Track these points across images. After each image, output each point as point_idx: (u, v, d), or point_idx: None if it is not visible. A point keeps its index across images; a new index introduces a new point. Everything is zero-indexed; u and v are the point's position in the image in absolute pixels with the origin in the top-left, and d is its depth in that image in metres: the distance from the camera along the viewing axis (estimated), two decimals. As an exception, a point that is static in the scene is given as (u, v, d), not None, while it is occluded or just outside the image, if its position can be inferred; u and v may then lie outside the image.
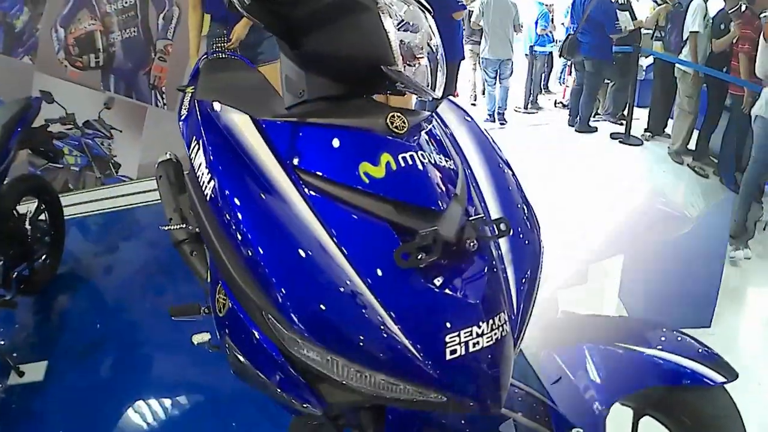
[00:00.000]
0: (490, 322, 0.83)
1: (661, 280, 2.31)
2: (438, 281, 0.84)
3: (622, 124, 6.27)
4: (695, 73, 4.88)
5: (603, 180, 4.82)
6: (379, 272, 0.82)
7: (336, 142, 0.92)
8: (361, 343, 0.79)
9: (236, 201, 0.88)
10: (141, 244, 3.69)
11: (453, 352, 0.80)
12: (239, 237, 0.86)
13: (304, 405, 0.90)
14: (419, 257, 0.80)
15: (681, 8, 5.29)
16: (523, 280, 0.97)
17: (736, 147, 4.55)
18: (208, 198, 0.92)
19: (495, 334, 0.83)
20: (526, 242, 1.02)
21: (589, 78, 6.27)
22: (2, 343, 2.43)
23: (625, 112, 6.21)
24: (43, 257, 3.01)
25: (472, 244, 0.87)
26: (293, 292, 0.81)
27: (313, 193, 0.88)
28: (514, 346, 0.91)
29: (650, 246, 3.15)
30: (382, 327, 0.79)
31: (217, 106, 1.03)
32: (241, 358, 0.95)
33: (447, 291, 0.84)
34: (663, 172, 5.11)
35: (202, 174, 0.96)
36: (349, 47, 0.96)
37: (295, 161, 0.92)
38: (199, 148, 1.00)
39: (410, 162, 0.91)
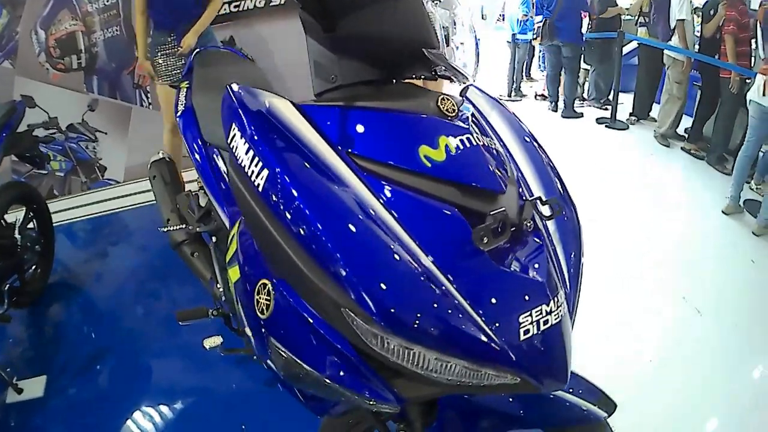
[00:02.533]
0: (556, 299, 0.84)
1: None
2: (506, 262, 0.85)
3: (606, 109, 6.37)
4: (687, 60, 4.91)
5: (595, 164, 4.86)
6: (452, 257, 0.81)
7: (391, 126, 0.90)
8: (442, 330, 0.77)
9: (296, 191, 0.83)
10: (132, 248, 3.61)
11: (526, 332, 0.80)
12: (306, 230, 0.81)
13: (374, 402, 0.85)
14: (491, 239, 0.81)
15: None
16: (572, 255, 0.98)
17: (725, 129, 4.60)
18: (260, 188, 0.87)
19: (560, 310, 0.84)
20: (566, 219, 1.03)
21: (568, 63, 6.40)
22: (-3, 359, 2.33)
23: (609, 97, 6.27)
24: (34, 267, 2.92)
25: (529, 224, 0.89)
26: (371, 283, 0.77)
27: (372, 178, 0.86)
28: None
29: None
30: (460, 312, 0.77)
31: (255, 91, 0.98)
32: (295, 359, 0.89)
33: (516, 271, 0.84)
34: (651, 155, 5.16)
35: (250, 164, 0.90)
36: (389, 30, 0.94)
37: (349, 146, 0.89)
38: (241, 138, 0.93)
39: (468, 144, 0.91)
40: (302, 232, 0.81)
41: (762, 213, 3.56)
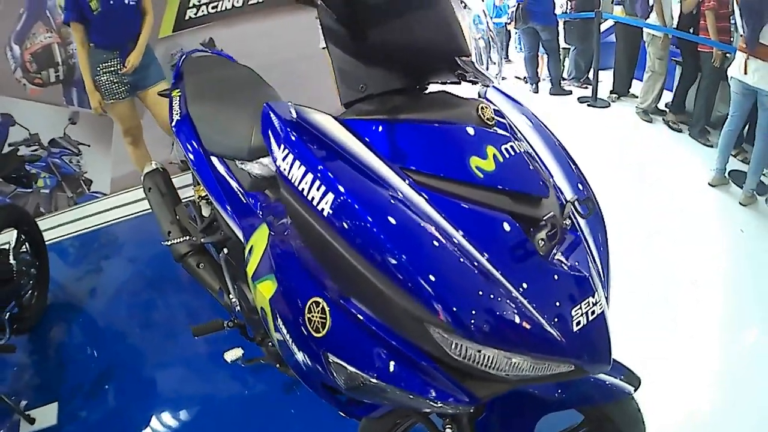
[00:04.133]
0: (599, 290, 0.91)
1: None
2: (555, 261, 0.91)
3: (586, 87, 6.41)
4: (665, 36, 4.94)
5: (580, 142, 4.88)
6: (515, 264, 0.86)
7: (441, 139, 0.93)
8: (516, 332, 0.83)
9: (367, 212, 0.86)
10: (126, 261, 3.53)
11: (578, 323, 0.86)
12: (382, 251, 0.84)
13: (444, 404, 0.89)
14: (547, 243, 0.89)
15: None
16: (601, 247, 1.04)
17: (706, 102, 4.66)
18: (325, 213, 0.89)
19: (602, 300, 0.91)
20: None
21: (548, 44, 6.46)
22: (5, 391, 2.26)
23: (589, 76, 6.30)
24: (30, 291, 2.84)
25: (567, 222, 0.96)
26: (454, 297, 0.82)
27: (432, 193, 0.89)
28: None
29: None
30: (528, 314, 0.83)
31: (297, 108, 0.99)
32: (358, 372, 0.93)
33: (564, 268, 0.90)
34: (634, 130, 5.22)
35: (310, 188, 0.91)
36: (422, 38, 0.95)
37: (402, 162, 0.91)
38: (296, 161, 0.94)
39: (512, 152, 0.96)
40: (377, 254, 0.84)
41: (747, 183, 3.64)
